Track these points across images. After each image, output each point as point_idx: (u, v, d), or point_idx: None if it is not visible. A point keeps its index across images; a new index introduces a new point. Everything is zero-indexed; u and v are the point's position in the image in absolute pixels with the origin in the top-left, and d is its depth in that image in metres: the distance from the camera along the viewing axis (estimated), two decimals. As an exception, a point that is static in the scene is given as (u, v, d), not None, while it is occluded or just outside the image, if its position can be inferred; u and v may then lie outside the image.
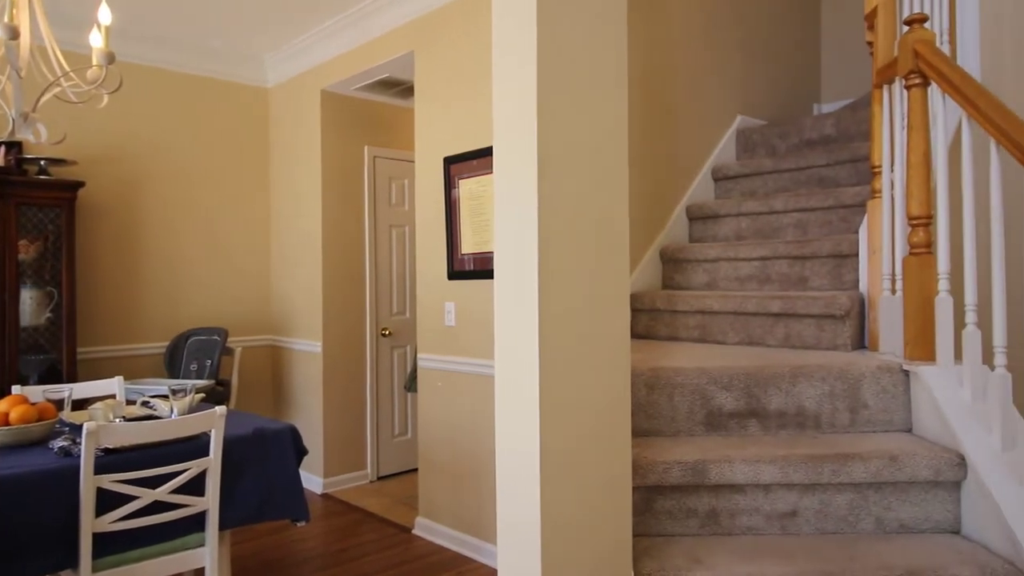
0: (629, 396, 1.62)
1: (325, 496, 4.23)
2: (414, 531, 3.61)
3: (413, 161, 4.60)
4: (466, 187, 3.44)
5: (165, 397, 2.72)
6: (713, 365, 2.13)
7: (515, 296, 1.49)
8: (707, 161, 3.68)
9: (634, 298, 3.04)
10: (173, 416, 2.41)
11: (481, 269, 3.35)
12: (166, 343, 4.27)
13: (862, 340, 2.48)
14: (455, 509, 3.42)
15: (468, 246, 3.43)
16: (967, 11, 2.99)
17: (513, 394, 1.49)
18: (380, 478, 4.58)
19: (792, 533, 1.84)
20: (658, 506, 1.87)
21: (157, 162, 4.32)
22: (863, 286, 2.54)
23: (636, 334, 3.06)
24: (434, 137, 3.58)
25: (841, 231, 2.94)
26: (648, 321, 3.00)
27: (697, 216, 3.42)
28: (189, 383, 2.68)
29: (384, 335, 4.62)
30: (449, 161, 3.50)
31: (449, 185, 3.51)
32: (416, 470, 4.45)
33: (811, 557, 1.68)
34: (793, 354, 2.36)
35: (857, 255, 2.62)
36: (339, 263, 4.43)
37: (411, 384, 3.97)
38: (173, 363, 4.14)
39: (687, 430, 2.09)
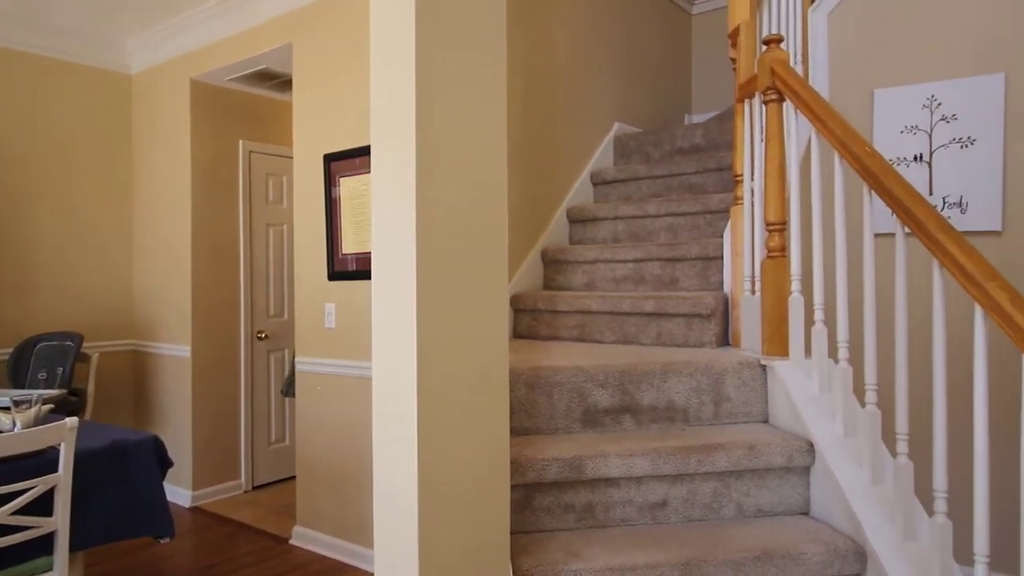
0: (507, 396, 1.64)
1: (194, 510, 3.99)
2: (291, 541, 3.48)
3: (292, 157, 4.44)
4: (348, 185, 3.36)
5: (7, 409, 2.47)
6: (590, 363, 2.20)
7: (392, 298, 1.47)
8: (587, 165, 3.80)
9: (516, 299, 3.09)
10: (16, 430, 2.20)
11: (363, 269, 3.28)
12: (9, 349, 3.88)
13: (726, 337, 2.64)
14: (336, 516, 3.33)
15: (349, 246, 3.35)
16: (818, 36, 3.27)
17: (390, 396, 1.47)
18: (255, 488, 4.38)
19: (662, 522, 1.93)
20: (537, 503, 1.90)
21: (2, 150, 3.91)
22: (727, 287, 2.71)
23: (518, 334, 3.10)
24: (314, 133, 3.47)
25: (708, 235, 3.12)
26: (530, 321, 3.05)
27: (577, 219, 3.52)
28: (35, 393, 2.45)
29: (260, 338, 4.43)
30: (330, 158, 3.40)
31: (330, 183, 3.42)
32: (294, 477, 4.30)
33: (679, 545, 1.77)
34: (665, 351, 2.48)
35: (722, 258, 2.80)
36: (211, 263, 4.20)
37: (288, 389, 3.83)
38: (18, 371, 3.77)
39: (565, 427, 2.14)
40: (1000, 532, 2.64)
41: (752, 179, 2.52)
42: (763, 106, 2.35)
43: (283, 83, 4.28)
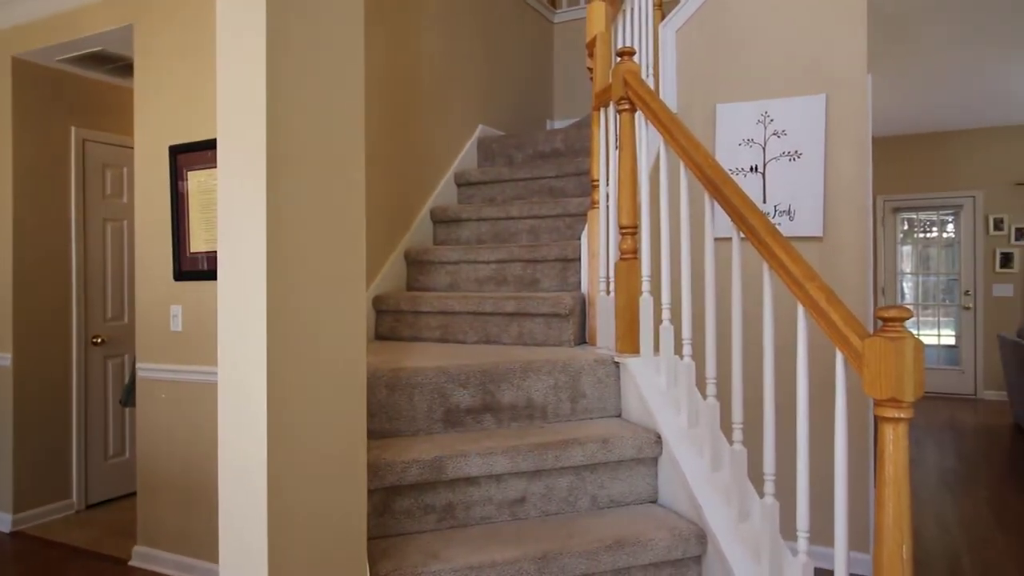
0: (365, 399, 1.60)
1: (16, 535, 3.58)
2: (131, 562, 3.21)
3: (132, 148, 4.11)
4: (196, 179, 3.15)
5: None
6: (452, 364, 2.20)
7: (240, 300, 1.39)
8: (451, 166, 3.80)
9: (379, 300, 3.03)
10: None
11: (213, 269, 3.09)
12: None
13: (584, 336, 2.74)
14: (182, 532, 3.11)
15: (199, 244, 3.15)
16: (667, 51, 3.47)
17: (238, 403, 1.39)
18: (90, 507, 4.00)
19: (521, 518, 1.97)
20: (397, 506, 1.88)
21: None
22: (584, 287, 2.81)
23: (380, 336, 3.05)
24: (158, 123, 3.23)
25: (568, 237, 3.22)
26: (392, 322, 3.01)
27: (441, 219, 3.52)
28: None
29: (96, 343, 4.05)
30: (176, 150, 3.18)
31: (177, 176, 3.19)
32: (135, 494, 3.97)
33: (536, 539, 1.81)
34: (525, 351, 2.53)
35: (580, 259, 2.90)
36: (36, 261, 3.79)
37: (128, 397, 3.53)
38: None
39: (427, 429, 2.13)
40: (818, 509, 2.93)
41: (607, 184, 2.63)
42: (617, 115, 2.46)
43: (124, 67, 3.95)
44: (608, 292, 2.58)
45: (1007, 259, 7.39)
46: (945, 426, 6.08)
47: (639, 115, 2.49)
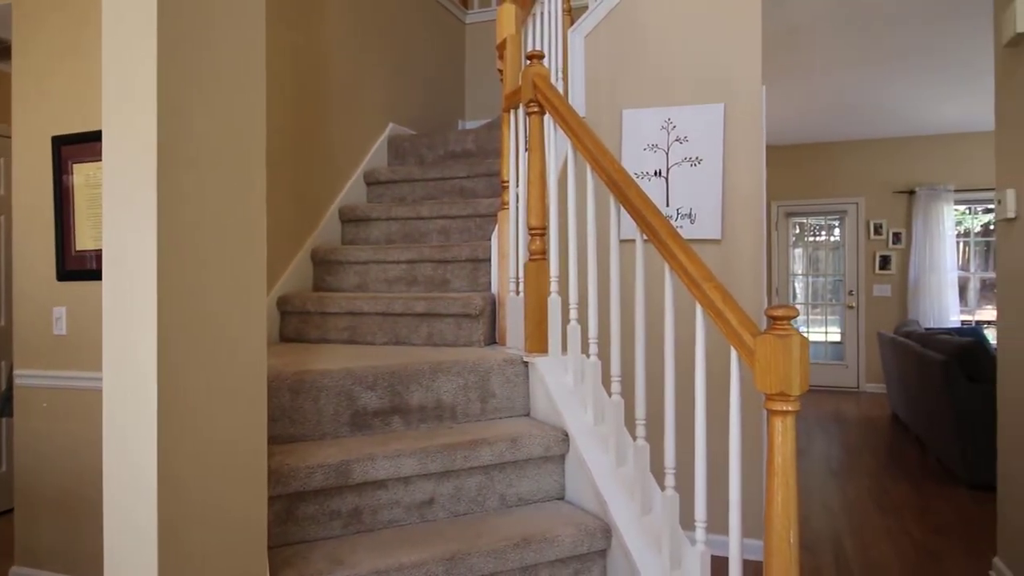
0: (265, 404, 1.55)
1: None
2: (9, 585, 2.97)
3: (10, 137, 3.81)
4: (84, 173, 2.95)
5: None
6: (360, 365, 2.16)
7: (129, 301, 1.32)
8: (360, 165, 3.73)
9: (284, 300, 2.94)
10: None
11: (101, 268, 2.90)
12: None
13: (494, 336, 2.75)
14: (65, 550, 2.91)
15: (85, 241, 2.95)
16: (576, 55, 3.53)
17: (125, 410, 1.31)
18: (-40, 527, 3.68)
19: (430, 520, 1.96)
20: (301, 512, 1.83)
21: None
22: (494, 288, 2.83)
23: (285, 337, 2.96)
24: (40, 111, 3.00)
25: (478, 238, 3.23)
26: (298, 324, 2.93)
27: (350, 218, 3.45)
28: None
29: (-33, 349, 3.73)
30: (60, 141, 2.96)
31: (61, 169, 2.98)
32: (11, 511, 3.68)
33: (444, 540, 1.80)
34: (435, 351, 2.52)
35: (490, 260, 2.91)
36: None
37: (4, 407, 3.27)
38: None
39: (333, 432, 2.08)
40: (717, 500, 3.07)
41: (517, 186, 2.66)
42: (527, 117, 2.48)
43: (1, 50, 3.65)
44: (518, 292, 2.61)
45: (886, 261, 7.99)
46: (831, 418, 6.50)
47: (548, 118, 2.53)
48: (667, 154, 3.38)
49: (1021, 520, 2.70)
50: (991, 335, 6.83)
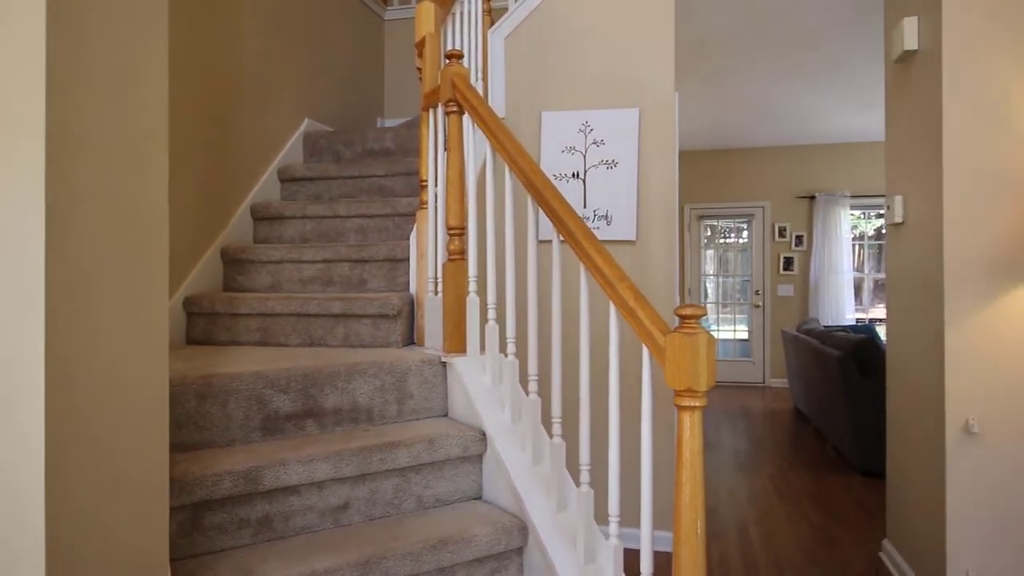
0: (167, 410, 1.48)
1: None
2: None
3: None
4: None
5: None
6: (272, 368, 2.10)
7: (11, 303, 1.23)
8: (274, 161, 3.62)
9: (191, 301, 2.82)
10: None
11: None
12: None
13: (412, 337, 2.73)
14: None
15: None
16: (496, 57, 3.55)
17: (6, 422, 1.23)
18: None
19: (345, 525, 1.92)
20: (207, 522, 1.75)
21: None
22: (413, 288, 2.80)
23: (193, 340, 2.83)
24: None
25: (396, 237, 3.20)
26: (206, 325, 2.81)
27: (263, 216, 3.34)
28: None
29: None
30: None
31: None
32: None
33: (360, 544, 1.77)
34: (351, 353, 2.47)
35: (409, 259, 2.88)
36: None
37: None
38: None
39: (243, 438, 2.01)
40: (631, 494, 3.15)
41: (436, 185, 2.64)
42: (445, 117, 2.47)
43: None
44: (436, 292, 2.59)
45: (789, 263, 8.42)
46: (739, 412, 6.79)
47: (467, 118, 2.53)
48: (585, 156, 3.44)
49: (906, 504, 2.90)
50: (882, 332, 7.30)
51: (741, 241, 8.94)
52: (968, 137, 2.46)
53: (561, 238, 1.96)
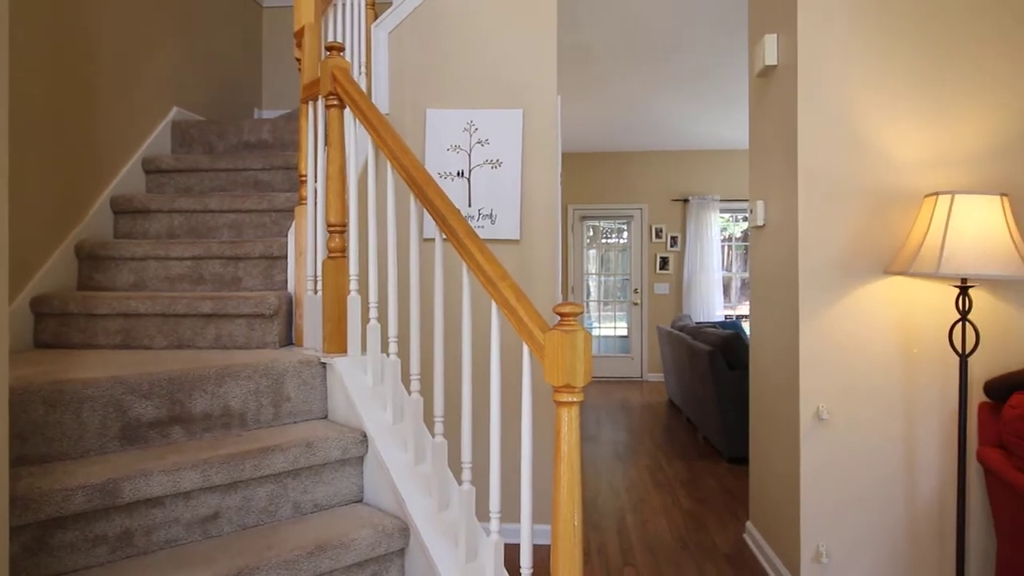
0: (6, 420, 1.35)
1: None
2: None
3: None
4: None
5: None
6: (133, 372, 1.96)
7: None
8: (138, 151, 3.38)
9: (39, 301, 2.57)
10: None
11: None
12: None
13: (290, 337, 2.64)
14: None
15: None
16: (380, 51, 3.49)
17: None
18: None
19: (214, 536, 1.82)
20: (57, 540, 1.61)
21: None
22: (291, 286, 2.70)
23: (42, 343, 2.59)
24: None
25: (274, 234, 3.07)
26: (58, 327, 2.58)
27: (125, 210, 3.11)
28: None
29: None
30: None
31: None
32: None
33: (230, 556, 1.69)
34: (223, 355, 2.35)
35: (287, 257, 2.78)
36: None
37: None
38: None
39: (99, 448, 1.87)
40: (515, 490, 3.20)
41: (316, 180, 2.57)
42: (326, 110, 2.40)
43: None
44: (316, 291, 2.52)
45: (664, 263, 8.85)
46: (618, 406, 7.06)
47: (348, 112, 2.47)
48: (469, 155, 3.45)
49: (766, 488, 3.13)
50: (748, 327, 7.82)
51: (621, 241, 9.29)
52: (819, 147, 2.68)
53: (444, 236, 1.95)
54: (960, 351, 2.44)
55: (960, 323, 2.44)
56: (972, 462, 2.62)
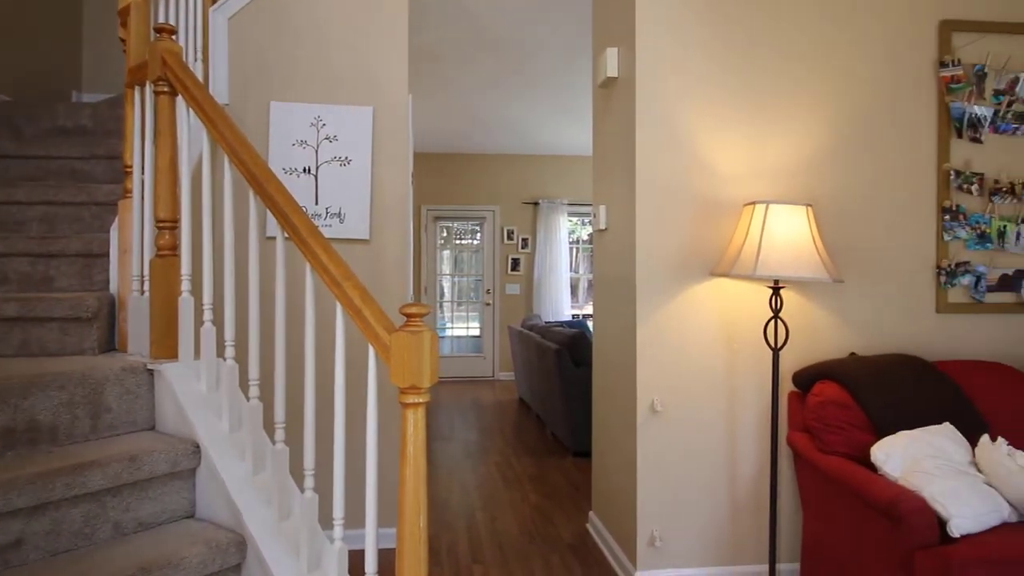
0: None
1: None
2: None
3: None
4: None
5: None
6: (-88, 385, 1.70)
7: None
8: (-77, 130, 2.95)
9: None
10: None
11: None
12: None
13: (112, 342, 2.42)
14: None
15: None
16: (218, 37, 3.28)
17: None
18: None
19: (16, 566, 1.63)
20: None
21: None
22: (114, 287, 2.48)
23: None
24: None
25: (94, 229, 2.80)
26: None
27: (-96, 197, 2.70)
28: None
29: None
30: None
31: None
32: None
33: (37, 586, 1.52)
34: (32, 363, 2.11)
35: (108, 255, 2.55)
36: None
37: None
38: None
39: None
40: (358, 495, 3.13)
41: (143, 173, 2.37)
42: (155, 97, 2.23)
43: None
44: (143, 292, 2.32)
45: (516, 264, 9.07)
46: (470, 405, 7.13)
47: (180, 100, 2.30)
48: (317, 151, 3.34)
49: (607, 479, 3.29)
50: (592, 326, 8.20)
51: (475, 242, 9.40)
52: (655, 157, 2.86)
53: (286, 234, 1.88)
54: (773, 345, 2.71)
55: (773, 320, 2.71)
56: (783, 445, 2.92)
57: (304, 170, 3.32)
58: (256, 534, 1.77)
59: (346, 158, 3.36)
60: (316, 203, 3.31)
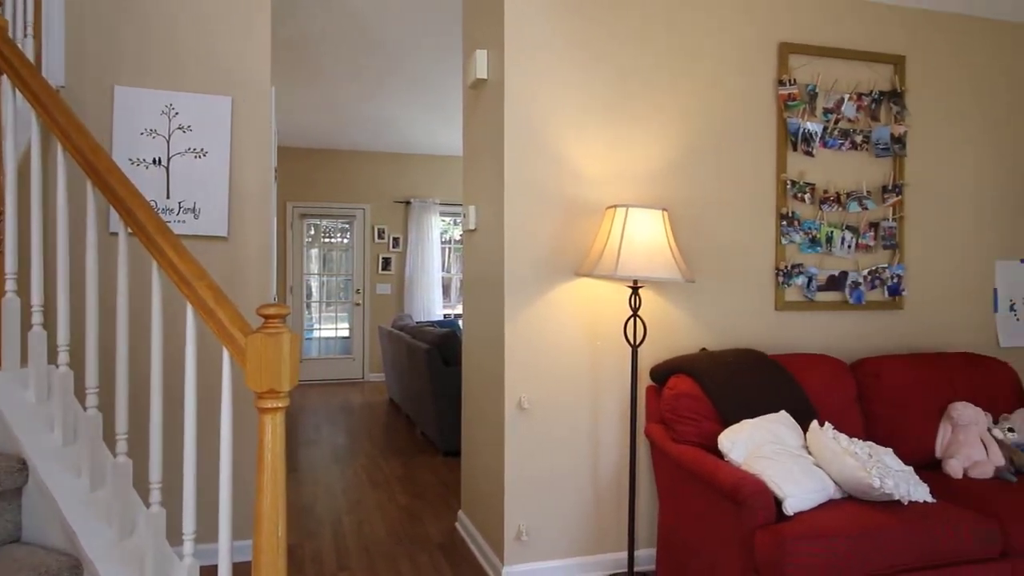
0: None
1: None
2: None
3: None
4: None
5: None
6: None
7: None
8: None
9: None
10: None
11: None
12: None
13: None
14: None
15: None
16: (53, 13, 2.99)
17: None
18: None
19: None
20: None
21: None
22: (-80, 286, 2.19)
23: None
24: None
25: None
26: None
27: None
28: None
29: None
30: None
31: None
32: None
33: None
34: None
35: (-86, 250, 2.24)
36: None
37: None
38: None
39: None
40: (211, 508, 2.97)
41: (-43, 157, 2.11)
42: (-34, 74, 1.99)
43: None
44: (-44, 292, 2.07)
45: (387, 263, 8.93)
46: (338, 408, 6.95)
47: (5, 79, 2.07)
48: (168, 142, 3.12)
49: (476, 477, 3.32)
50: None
51: (344, 241, 9.16)
52: (523, 159, 2.92)
53: (129, 230, 1.74)
54: (632, 342, 2.84)
55: (632, 318, 2.85)
56: (642, 437, 3.07)
57: (154, 161, 3.09)
58: (93, 556, 1.63)
59: (202, 150, 3.16)
60: (168, 197, 3.09)
